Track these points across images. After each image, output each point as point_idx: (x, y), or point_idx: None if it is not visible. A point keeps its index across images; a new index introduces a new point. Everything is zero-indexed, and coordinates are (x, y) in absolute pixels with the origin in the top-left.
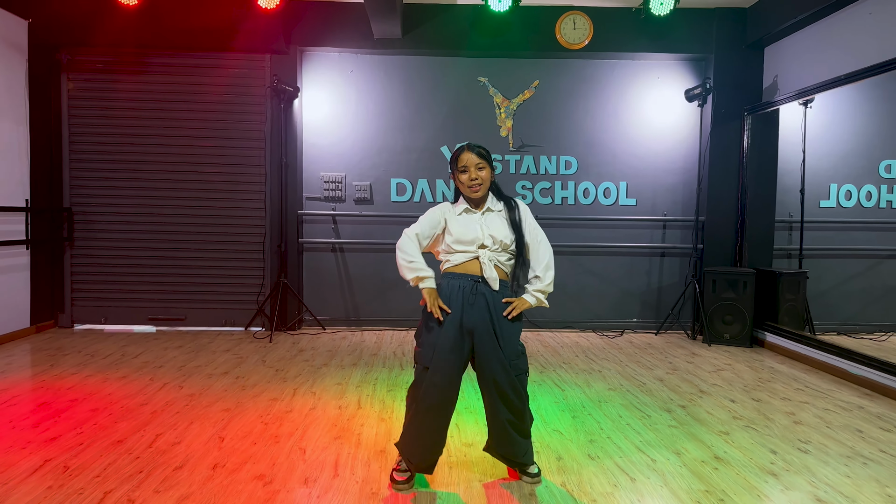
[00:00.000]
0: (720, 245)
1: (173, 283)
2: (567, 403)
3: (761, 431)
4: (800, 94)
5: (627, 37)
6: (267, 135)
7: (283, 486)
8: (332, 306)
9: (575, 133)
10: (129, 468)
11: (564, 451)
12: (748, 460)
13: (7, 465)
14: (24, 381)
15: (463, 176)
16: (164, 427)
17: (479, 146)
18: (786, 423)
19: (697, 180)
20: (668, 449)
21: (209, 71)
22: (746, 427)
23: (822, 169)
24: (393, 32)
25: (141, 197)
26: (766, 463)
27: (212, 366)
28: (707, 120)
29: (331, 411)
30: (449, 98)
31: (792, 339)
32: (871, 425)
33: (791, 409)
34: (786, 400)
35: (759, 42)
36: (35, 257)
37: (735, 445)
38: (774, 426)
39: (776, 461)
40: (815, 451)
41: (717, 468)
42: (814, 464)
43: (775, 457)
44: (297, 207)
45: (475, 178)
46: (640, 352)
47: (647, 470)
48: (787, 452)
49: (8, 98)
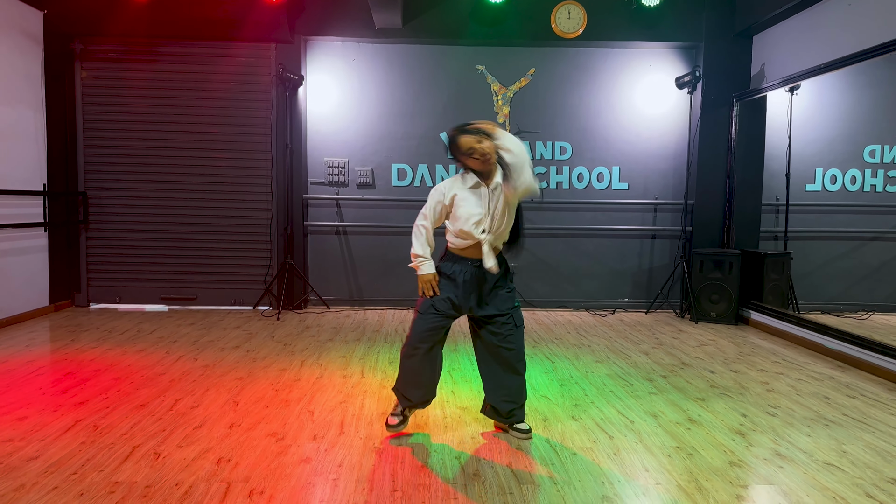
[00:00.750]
0: (708, 227)
1: (184, 264)
2: (556, 374)
3: (735, 398)
4: (785, 82)
5: (620, 26)
6: (273, 122)
7: (294, 441)
8: (336, 287)
9: (569, 119)
10: (153, 427)
11: (550, 413)
12: (719, 422)
13: (42, 425)
14: (48, 354)
15: (471, 160)
16: (183, 393)
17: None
18: (759, 391)
19: (687, 165)
20: (646, 412)
21: (217, 60)
22: (722, 395)
23: (808, 154)
24: (394, 22)
25: (152, 181)
26: (735, 424)
27: (223, 340)
28: (697, 106)
29: (336, 380)
30: (448, 86)
31: (774, 316)
32: (839, 393)
33: (766, 380)
34: (762, 371)
35: (748, 31)
36: (52, 239)
37: (709, 410)
38: (748, 394)
39: (745, 423)
40: (783, 415)
41: (690, 428)
42: (779, 425)
43: (744, 419)
44: (303, 192)
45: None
46: (630, 329)
47: (624, 429)
48: (756, 416)
49: (25, 86)
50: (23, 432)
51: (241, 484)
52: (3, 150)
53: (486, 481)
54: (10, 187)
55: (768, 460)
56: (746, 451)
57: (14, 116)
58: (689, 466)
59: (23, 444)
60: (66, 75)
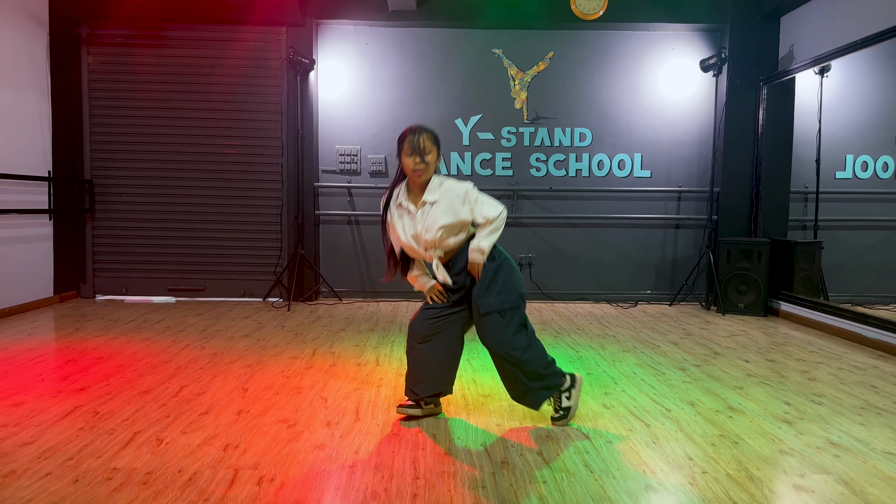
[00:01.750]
0: (735, 216)
1: (192, 255)
2: (582, 363)
3: (775, 387)
4: (816, 62)
5: (642, 7)
6: (283, 107)
7: (307, 427)
8: (347, 278)
9: (589, 105)
10: (156, 413)
11: (580, 402)
12: (762, 410)
13: (39, 411)
14: (50, 342)
15: (408, 160)
16: (189, 380)
17: (428, 129)
18: (800, 380)
19: (712, 151)
20: (683, 400)
21: (226, 44)
22: (760, 383)
23: (837, 140)
24: (408, 4)
25: (160, 169)
26: (780, 413)
27: (232, 329)
28: (722, 90)
29: (350, 368)
30: (463, 70)
31: (807, 306)
32: (886, 382)
33: (805, 369)
34: (800, 360)
35: (775, 11)
36: (58, 228)
37: (749, 398)
38: (789, 382)
39: (790, 411)
40: (829, 404)
41: (732, 417)
42: (827, 414)
43: (789, 407)
44: (314, 180)
45: (418, 163)
46: (654, 320)
47: (661, 417)
48: (801, 404)
49: (30, 71)
50: (18, 418)
51: (250, 471)
52: (7, 135)
53: (516, 469)
54: (15, 172)
55: (822, 449)
56: (796, 440)
57: (18, 101)
58: (737, 455)
59: (17, 430)
60: (72, 60)
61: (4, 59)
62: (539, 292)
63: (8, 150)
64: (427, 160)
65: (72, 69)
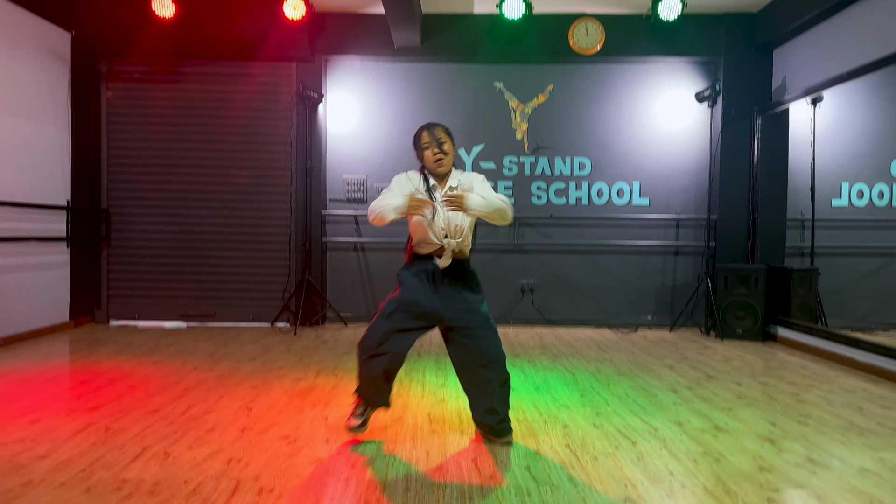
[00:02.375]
0: (733, 243)
1: (203, 281)
2: (577, 385)
3: (763, 408)
4: (807, 93)
5: (638, 41)
6: (293, 139)
7: (307, 444)
8: (353, 303)
9: (588, 135)
10: (165, 430)
11: (571, 421)
12: (747, 429)
13: (53, 428)
14: (65, 364)
15: (427, 153)
16: (197, 400)
17: (439, 124)
18: (789, 402)
19: (709, 180)
20: (671, 420)
21: (239, 79)
22: (749, 405)
23: (833, 168)
24: (412, 41)
25: (173, 198)
26: (764, 432)
27: (240, 353)
28: (717, 120)
29: (351, 389)
30: (466, 102)
31: (803, 331)
32: (873, 404)
33: (795, 391)
34: (792, 384)
35: (768, 44)
36: (75, 255)
37: (736, 419)
38: (777, 404)
39: (774, 430)
40: (814, 424)
41: (717, 435)
42: (811, 433)
43: (774, 427)
44: (321, 208)
45: (437, 153)
46: (653, 345)
47: (648, 436)
48: (786, 424)
49: (52, 105)
50: (35, 433)
51: (251, 482)
52: (29, 166)
53: (503, 482)
54: (36, 202)
55: (800, 465)
56: (777, 457)
57: (41, 133)
58: (717, 471)
59: (33, 444)
60: (92, 94)
61: (29, 94)
62: (540, 317)
63: (29, 181)
64: (445, 149)
65: (91, 103)
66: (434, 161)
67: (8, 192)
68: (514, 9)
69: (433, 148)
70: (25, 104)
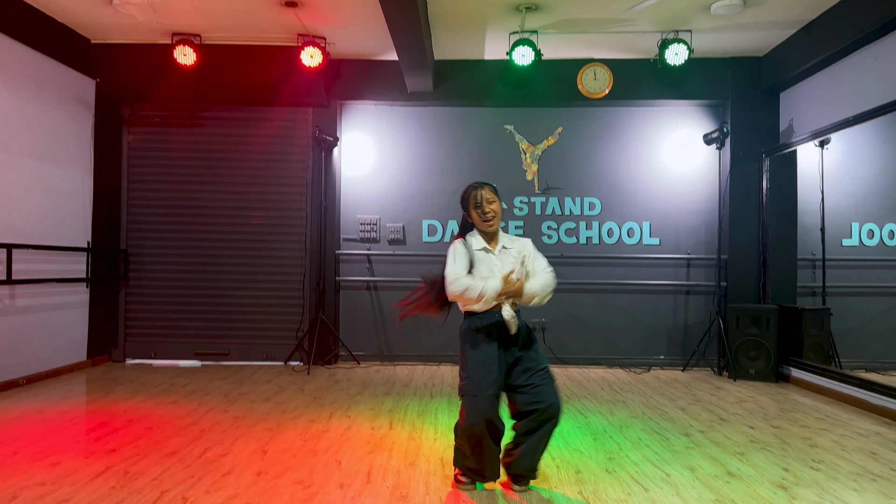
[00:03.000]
0: (743, 283)
1: (218, 320)
2: (589, 428)
3: (776, 453)
4: (814, 136)
5: (646, 85)
6: (308, 181)
7: (321, 489)
8: (366, 342)
9: (598, 176)
10: (182, 474)
11: (583, 466)
12: (760, 476)
13: (74, 470)
14: (83, 405)
15: (475, 212)
16: (212, 442)
17: (487, 183)
18: (801, 447)
19: (718, 220)
20: (683, 466)
21: (256, 123)
22: (762, 449)
23: (842, 208)
24: (425, 86)
25: (190, 239)
26: (777, 478)
27: (254, 393)
28: (726, 162)
29: (364, 431)
30: (477, 145)
31: (816, 372)
32: (886, 449)
33: (808, 435)
34: (805, 427)
35: (774, 88)
36: (94, 295)
37: (749, 464)
38: (790, 449)
39: (787, 477)
40: (827, 469)
41: (729, 482)
42: (823, 479)
43: (787, 473)
44: (335, 248)
45: (488, 212)
46: (666, 386)
47: (660, 482)
48: (799, 470)
49: (76, 149)
50: (55, 476)
51: None
52: (52, 209)
53: None
54: (57, 244)
55: None
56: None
57: (64, 177)
58: None
59: (55, 488)
60: (114, 139)
61: (55, 139)
62: (552, 356)
63: (52, 223)
64: (493, 208)
65: (113, 147)
66: (483, 221)
67: (33, 235)
68: (523, 56)
69: (484, 207)
70: (51, 149)
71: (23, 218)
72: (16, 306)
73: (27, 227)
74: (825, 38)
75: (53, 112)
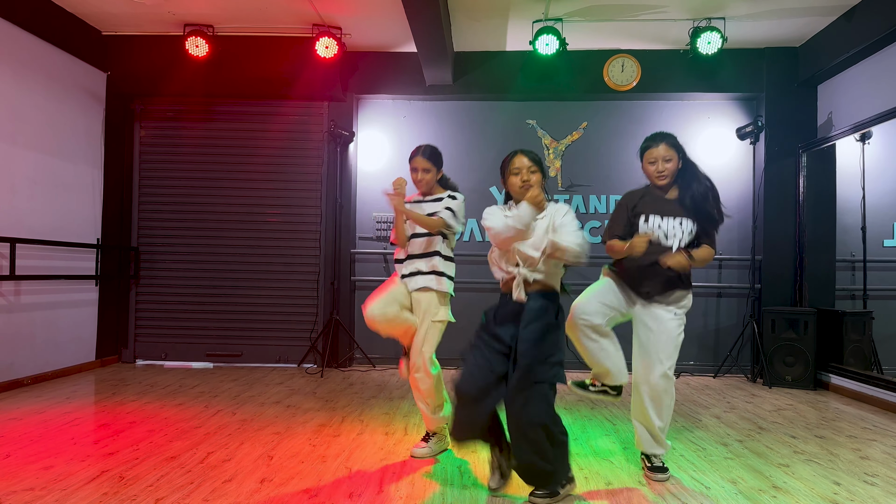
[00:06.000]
0: (779, 284)
1: (230, 320)
2: (618, 437)
3: (824, 465)
4: (856, 128)
5: (676, 77)
6: (323, 177)
7: (329, 499)
8: (382, 344)
9: (624, 172)
10: (180, 480)
11: (614, 477)
12: (809, 490)
13: (67, 475)
14: (87, 406)
15: (513, 178)
16: (216, 446)
17: (530, 150)
18: (851, 458)
19: (752, 218)
20: (724, 478)
21: (270, 118)
22: (808, 461)
23: (883, 206)
24: (444, 79)
25: (202, 237)
26: (828, 493)
27: (264, 396)
28: (760, 158)
29: (377, 437)
30: (498, 140)
31: (859, 379)
32: None
33: (857, 446)
34: (852, 437)
35: (812, 79)
36: (103, 293)
37: (795, 477)
38: (839, 461)
39: (839, 492)
40: (883, 484)
41: (776, 496)
42: (880, 495)
43: (839, 488)
44: (350, 247)
45: (527, 180)
46: (697, 392)
47: (699, 496)
48: (852, 484)
49: (86, 144)
50: (45, 481)
51: None
52: (62, 204)
53: None
54: (66, 239)
55: None
56: None
57: (73, 172)
58: None
59: (43, 494)
60: (126, 133)
61: (65, 133)
62: (577, 362)
63: (61, 218)
64: (533, 178)
65: (124, 141)
66: (520, 187)
67: (40, 231)
68: (547, 45)
69: (523, 175)
70: (60, 143)
71: (29, 212)
72: (21, 303)
73: (33, 222)
74: (867, 26)
75: (63, 105)
